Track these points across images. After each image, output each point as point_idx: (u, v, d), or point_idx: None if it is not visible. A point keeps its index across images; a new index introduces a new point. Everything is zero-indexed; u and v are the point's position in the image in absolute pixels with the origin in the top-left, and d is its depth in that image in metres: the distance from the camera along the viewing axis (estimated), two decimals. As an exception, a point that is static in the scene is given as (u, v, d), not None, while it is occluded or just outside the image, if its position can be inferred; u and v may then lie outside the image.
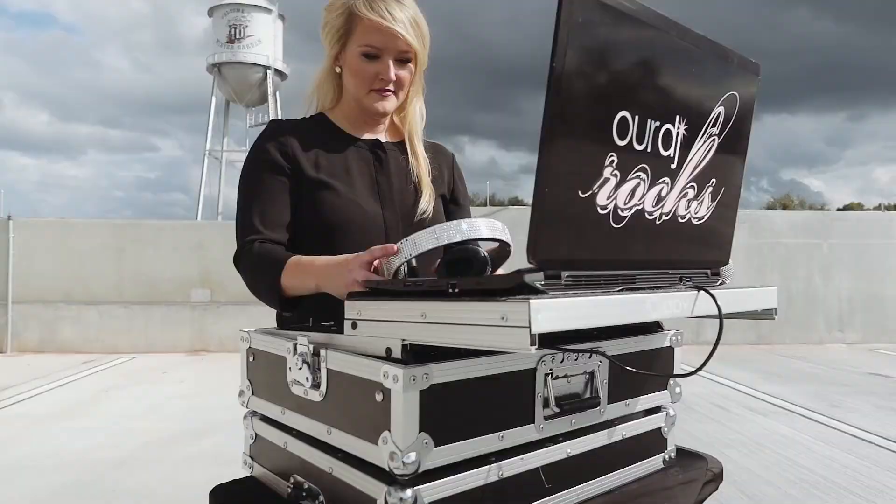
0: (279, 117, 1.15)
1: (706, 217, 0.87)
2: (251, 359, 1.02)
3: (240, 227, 1.16)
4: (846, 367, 6.51)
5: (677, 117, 0.77)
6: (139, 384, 5.63)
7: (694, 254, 0.87)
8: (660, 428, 1.09)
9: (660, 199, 0.78)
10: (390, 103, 1.20)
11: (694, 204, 0.84)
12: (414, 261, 0.95)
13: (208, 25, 47.09)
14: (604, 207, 0.70)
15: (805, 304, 8.11)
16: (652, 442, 1.07)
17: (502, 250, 1.01)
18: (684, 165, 0.80)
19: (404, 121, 1.28)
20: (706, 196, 0.85)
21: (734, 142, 0.88)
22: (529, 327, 0.59)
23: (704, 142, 0.82)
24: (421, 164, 1.25)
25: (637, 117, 0.71)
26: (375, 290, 0.83)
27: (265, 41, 45.47)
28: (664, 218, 0.79)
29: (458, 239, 0.91)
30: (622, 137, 0.70)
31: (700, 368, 0.90)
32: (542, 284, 0.65)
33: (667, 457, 1.10)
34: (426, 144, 1.31)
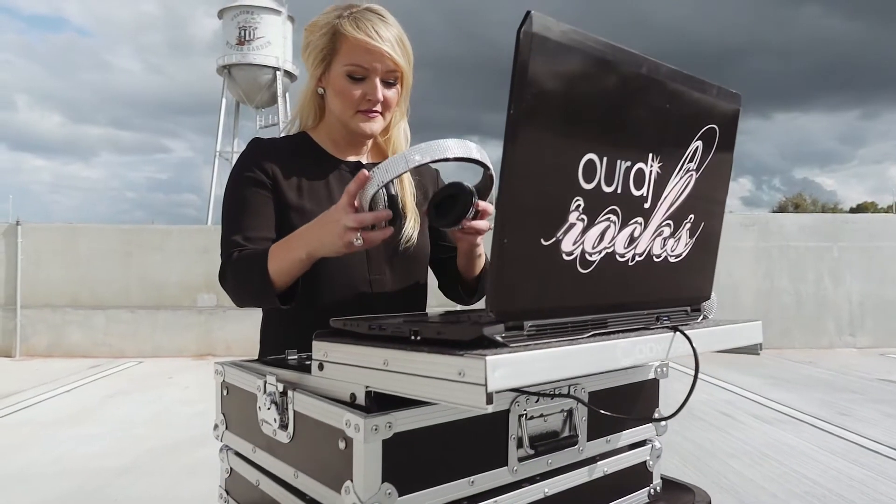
0: (287, 120, 1.12)
1: (684, 254, 0.84)
2: (225, 392, 1.01)
3: (223, 244, 1.14)
4: (856, 372, 6.43)
5: (650, 155, 0.75)
6: (145, 389, 5.66)
7: (672, 292, 0.85)
8: (644, 462, 1.06)
9: (632, 240, 0.75)
10: (377, 124, 1.17)
11: (670, 242, 0.81)
12: (393, 189, 1.00)
13: (218, 27, 47.37)
14: (570, 253, 0.67)
15: (815, 308, 8.02)
16: (636, 476, 1.04)
17: (486, 180, 1.01)
18: (659, 204, 0.78)
19: (388, 142, 1.25)
20: (683, 233, 0.83)
21: (714, 175, 0.85)
22: (485, 385, 0.57)
23: (681, 178, 0.80)
24: (405, 189, 1.22)
25: (605, 158, 0.69)
26: (342, 331, 0.81)
27: (275, 43, 45.67)
28: (638, 259, 0.77)
29: (427, 160, 0.91)
30: (589, 181, 0.67)
31: (676, 413, 0.88)
32: (502, 337, 0.63)
33: (652, 490, 1.07)
34: None
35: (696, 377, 0.80)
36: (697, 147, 0.81)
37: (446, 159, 0.94)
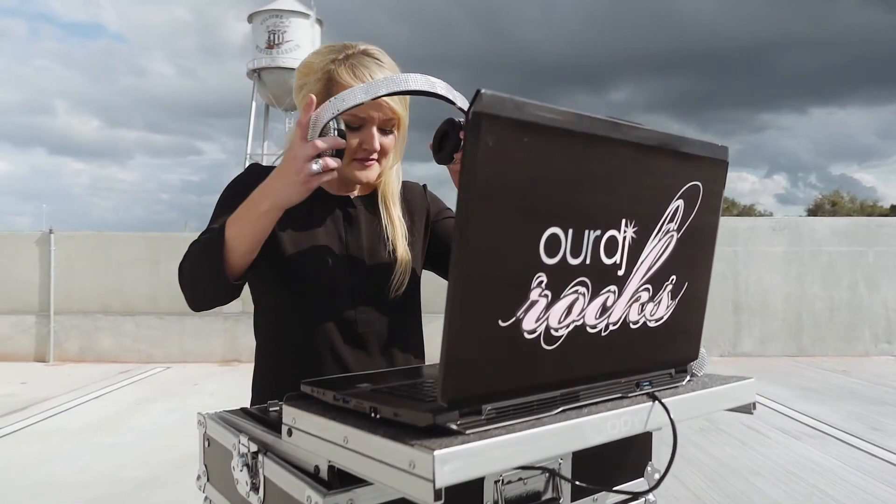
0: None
1: (665, 317, 0.81)
2: (206, 444, 1.01)
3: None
4: (891, 382, 6.22)
5: (623, 221, 0.71)
6: (171, 396, 5.75)
7: (653, 357, 0.81)
8: (637, 519, 1.03)
9: (605, 310, 0.72)
10: (373, 173, 1.14)
11: (649, 306, 0.78)
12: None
13: (248, 31, 48.05)
14: (532, 331, 0.65)
15: (849, 315, 7.78)
16: (627, 533, 1.01)
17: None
18: (634, 270, 0.74)
19: (380, 182, 1.22)
20: (664, 296, 0.79)
21: (698, 232, 0.81)
22: (433, 481, 0.55)
23: (660, 241, 0.76)
24: (397, 230, 1.20)
25: (571, 231, 0.66)
26: (309, 398, 0.80)
27: (303, 46, 46.12)
28: (612, 328, 0.74)
29: (384, 92, 0.96)
30: (552, 255, 0.65)
31: (663, 478, 0.85)
32: (458, 424, 0.61)
33: (646, 548, 1.04)
34: None
35: (674, 449, 0.76)
36: (678, 206, 0.78)
37: (409, 91, 0.99)
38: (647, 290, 0.77)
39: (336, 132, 0.97)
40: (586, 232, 0.68)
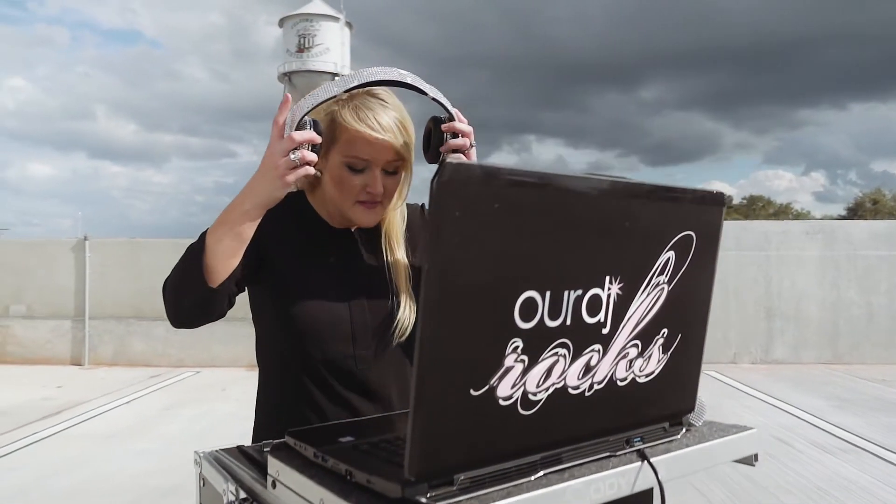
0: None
1: (657, 371, 0.78)
2: (202, 484, 1.01)
3: None
4: (933, 393, 6.00)
5: (607, 278, 0.69)
6: (199, 402, 5.85)
7: (644, 412, 0.79)
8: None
9: (589, 370, 0.70)
10: (376, 215, 1.12)
11: (638, 362, 0.75)
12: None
13: (279, 35, 48.78)
14: (508, 398, 0.63)
15: (888, 321, 7.53)
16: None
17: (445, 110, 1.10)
18: (621, 327, 0.72)
19: (384, 221, 1.18)
20: (655, 350, 0.77)
21: (692, 282, 0.78)
22: (398, 562, 0.54)
23: (648, 295, 0.74)
24: (400, 274, 1.17)
25: (549, 293, 0.64)
26: (293, 451, 0.79)
27: (333, 49, 46.58)
28: (597, 387, 0.71)
29: (355, 83, 1.01)
30: (528, 319, 0.63)
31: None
32: (428, 497, 0.59)
33: None
34: None
35: (664, 510, 0.74)
36: (669, 258, 0.75)
37: (379, 82, 1.04)
38: (636, 345, 0.74)
39: (311, 127, 0.99)
40: (566, 293, 0.66)
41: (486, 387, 0.61)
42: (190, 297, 1.05)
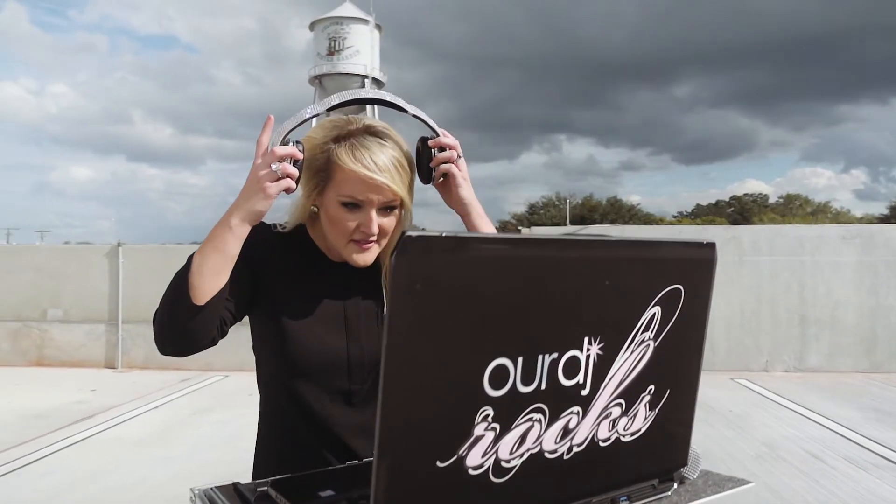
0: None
1: (644, 429, 0.75)
2: (196, 522, 1.01)
3: None
4: (977, 405, 5.76)
5: (586, 340, 0.67)
6: (226, 407, 5.94)
7: (630, 471, 0.76)
8: None
9: (567, 433, 0.68)
10: (371, 255, 1.11)
11: (623, 421, 0.73)
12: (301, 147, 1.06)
13: (310, 38, 49.37)
14: (478, 467, 0.62)
15: (930, 329, 7.26)
16: None
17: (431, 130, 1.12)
18: (602, 388, 0.70)
19: (384, 259, 1.15)
20: (641, 407, 0.74)
21: (681, 336, 0.76)
22: None
23: (632, 353, 0.72)
24: None
25: (521, 359, 0.62)
26: (285, 490, 0.79)
27: (363, 51, 47.01)
28: (577, 450, 0.69)
29: (337, 101, 1.07)
30: (499, 387, 0.61)
31: None
32: (391, 571, 0.58)
33: None
34: None
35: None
36: (655, 314, 0.72)
37: (360, 101, 1.09)
38: (620, 405, 0.72)
39: (294, 144, 1.03)
40: (540, 357, 0.64)
41: (454, 457, 0.60)
42: (175, 317, 1.04)
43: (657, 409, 0.76)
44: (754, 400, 6.07)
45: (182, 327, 1.04)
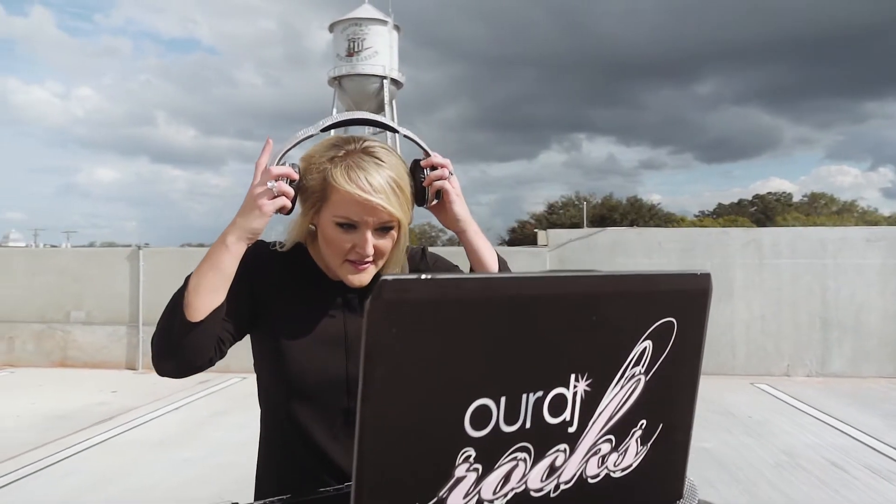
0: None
1: (636, 464, 0.74)
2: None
3: None
4: None
5: (572, 377, 0.66)
6: (243, 410, 5.98)
7: (621, 505, 0.75)
8: None
9: (554, 470, 0.67)
10: (367, 276, 1.11)
11: (613, 457, 0.72)
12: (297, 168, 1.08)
13: (329, 40, 49.66)
14: (460, 508, 0.61)
15: (959, 333, 7.09)
16: None
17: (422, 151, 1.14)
18: (590, 424, 0.69)
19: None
20: (632, 442, 0.73)
21: (674, 370, 0.74)
22: None
23: (622, 388, 0.70)
24: None
25: (504, 398, 0.61)
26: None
27: (382, 52, 47.20)
28: (564, 487, 0.68)
29: (329, 123, 1.09)
30: (481, 427, 0.60)
31: None
32: None
33: None
34: None
35: None
36: (646, 348, 0.71)
37: (351, 122, 1.11)
38: (609, 441, 0.71)
39: (290, 165, 1.07)
40: (524, 396, 0.63)
41: (434, 499, 0.59)
42: (171, 335, 1.05)
43: (649, 444, 0.75)
44: (774, 406, 5.98)
45: (178, 345, 1.05)
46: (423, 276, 0.55)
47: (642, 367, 0.71)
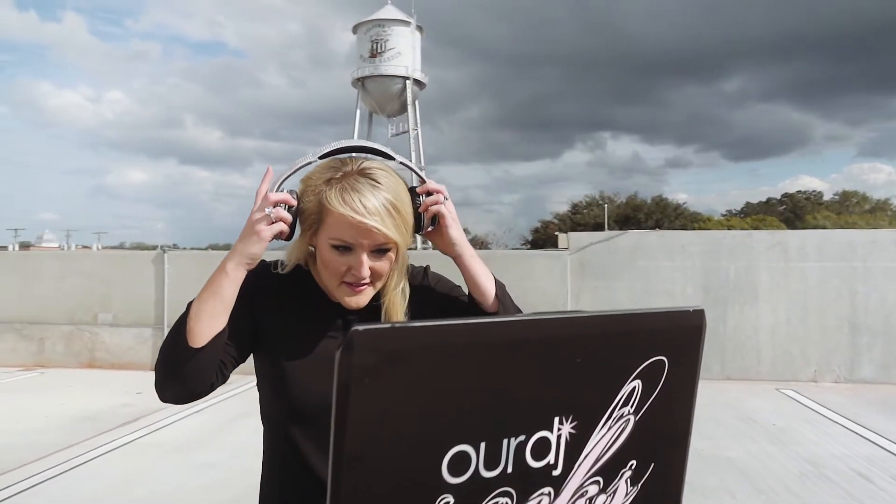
0: (418, 127, 1.14)
1: (625, 505, 0.72)
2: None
3: None
4: None
5: (556, 420, 0.65)
6: (264, 412, 6.05)
7: (610, 547, 0.73)
8: None
9: (537, 514, 0.66)
10: (364, 297, 1.11)
11: (601, 498, 0.70)
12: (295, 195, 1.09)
13: (353, 41, 49.96)
14: (438, 556, 0.60)
15: None
16: None
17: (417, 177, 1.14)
18: (576, 466, 0.67)
19: (384, 300, 1.16)
20: (622, 483, 0.72)
21: (665, 409, 0.72)
22: None
23: (610, 428, 0.69)
24: None
25: (484, 444, 0.60)
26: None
27: (404, 53, 47.34)
28: (548, 530, 0.67)
29: (327, 150, 1.07)
30: (460, 473, 0.60)
31: None
32: None
33: None
34: None
35: None
36: (635, 387, 0.70)
37: (350, 149, 1.09)
38: (597, 482, 0.70)
39: (287, 192, 1.08)
40: (505, 441, 0.62)
41: (411, 548, 0.58)
42: (173, 360, 1.06)
43: (640, 485, 0.73)
44: (800, 413, 5.85)
45: (179, 370, 1.06)
46: (395, 325, 0.54)
47: (631, 406, 0.70)
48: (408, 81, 47.20)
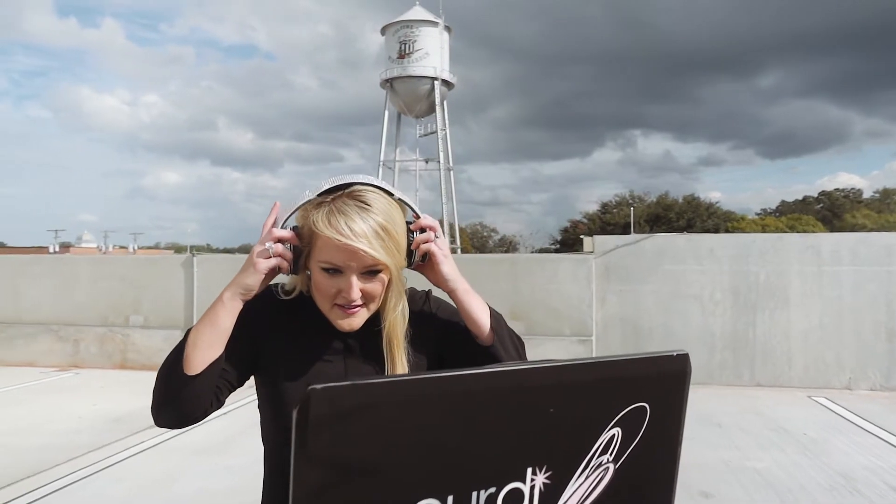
0: (446, 127, 1.14)
1: (605, 554, 0.71)
2: None
3: None
4: None
5: (529, 470, 0.64)
6: (288, 415, 6.12)
7: None
8: None
9: (510, 566, 0.65)
10: (357, 319, 1.11)
11: (579, 548, 0.69)
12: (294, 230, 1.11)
13: (381, 42, 50.21)
14: None
15: None
16: None
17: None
18: (550, 517, 0.66)
19: (384, 323, 1.15)
20: (601, 532, 0.70)
21: (646, 456, 0.71)
22: None
23: (588, 477, 0.67)
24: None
25: (451, 497, 0.60)
26: None
27: (432, 53, 47.43)
28: (522, 582, 0.66)
29: (326, 187, 1.07)
30: (427, 528, 0.59)
31: None
32: None
33: None
34: None
35: None
36: (614, 435, 0.68)
37: (348, 185, 1.08)
38: (574, 532, 0.68)
39: (290, 229, 1.11)
40: (475, 494, 0.61)
41: None
42: (169, 387, 1.07)
43: (621, 533, 0.71)
44: (833, 422, 5.69)
45: (175, 396, 1.08)
46: (355, 382, 0.54)
47: (610, 455, 0.68)
48: (436, 82, 47.27)
